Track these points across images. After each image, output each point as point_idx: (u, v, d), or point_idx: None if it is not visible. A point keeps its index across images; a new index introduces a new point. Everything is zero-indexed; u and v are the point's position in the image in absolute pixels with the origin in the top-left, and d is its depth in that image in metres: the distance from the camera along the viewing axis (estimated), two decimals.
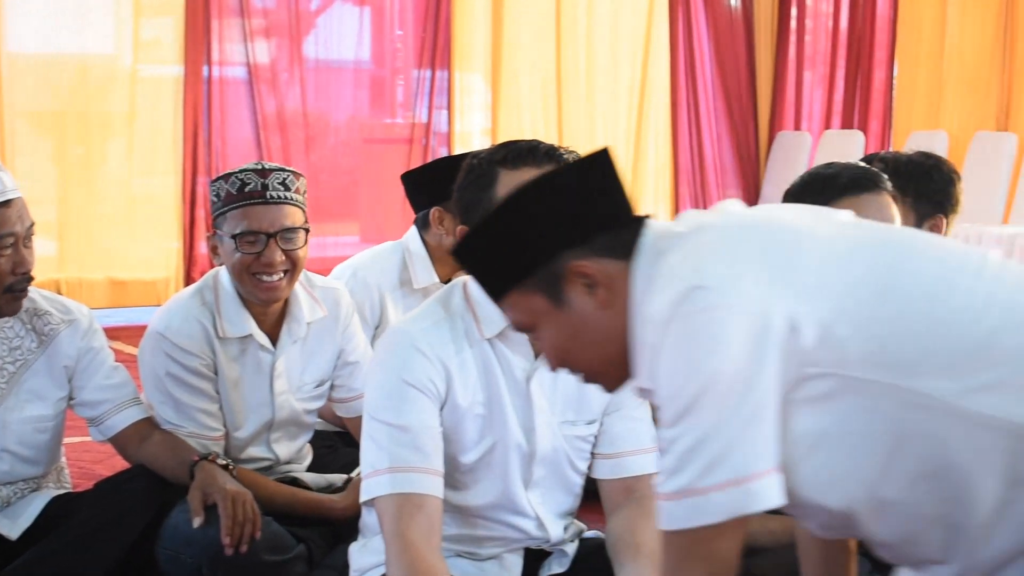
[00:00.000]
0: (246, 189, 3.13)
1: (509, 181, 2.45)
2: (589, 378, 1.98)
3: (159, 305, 4.29)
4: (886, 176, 2.87)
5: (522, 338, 2.50)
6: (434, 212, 3.86)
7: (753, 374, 1.70)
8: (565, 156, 2.51)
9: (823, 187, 2.77)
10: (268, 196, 3.13)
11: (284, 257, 3.14)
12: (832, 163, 2.92)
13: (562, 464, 2.67)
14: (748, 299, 1.71)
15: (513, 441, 2.58)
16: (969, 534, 1.74)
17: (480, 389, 2.54)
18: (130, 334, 7.23)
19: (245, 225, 3.13)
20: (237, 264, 3.16)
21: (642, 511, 2.64)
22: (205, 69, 8.71)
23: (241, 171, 3.16)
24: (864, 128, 10.72)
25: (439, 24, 9.47)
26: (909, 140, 10.05)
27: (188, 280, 8.44)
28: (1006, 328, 1.73)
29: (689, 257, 1.79)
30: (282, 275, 3.16)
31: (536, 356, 2.56)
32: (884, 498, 1.77)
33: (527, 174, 2.47)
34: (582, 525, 2.85)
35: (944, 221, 3.35)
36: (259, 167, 3.18)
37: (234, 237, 3.14)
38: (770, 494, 1.71)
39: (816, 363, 1.72)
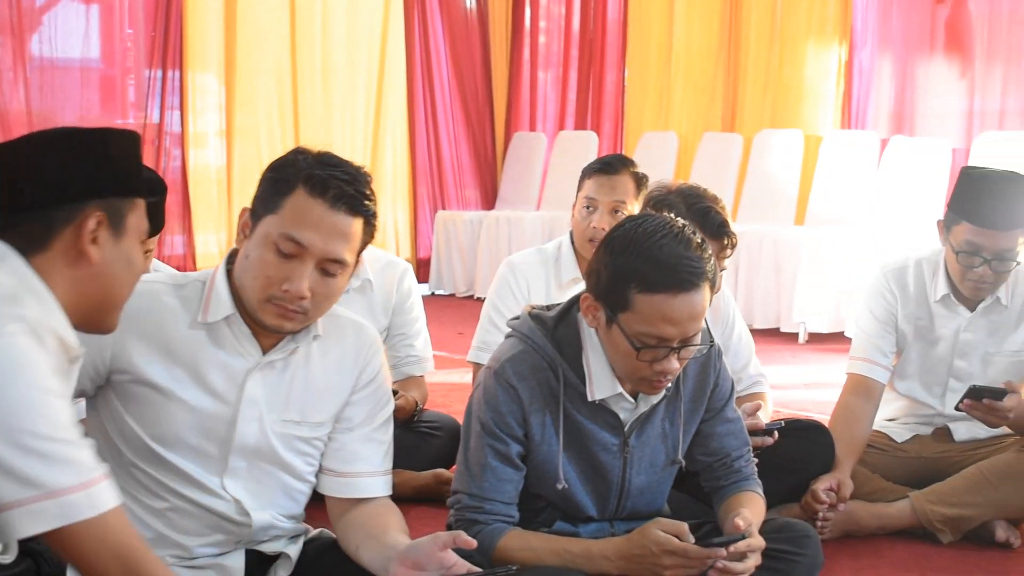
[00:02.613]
0: None
1: (299, 203, 2.44)
2: None
3: None
4: (710, 260, 2.66)
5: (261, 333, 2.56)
6: None
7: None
8: (369, 207, 2.49)
9: (659, 277, 2.61)
10: None
11: None
12: (677, 244, 2.64)
13: (271, 461, 2.64)
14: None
15: (206, 424, 2.56)
16: None
17: (182, 368, 2.54)
18: None
19: None
20: None
21: (375, 506, 2.69)
22: None
23: None
24: (598, 129, 10.94)
25: (170, 23, 9.29)
26: (641, 141, 10.31)
27: None
28: None
29: None
30: None
31: (264, 352, 2.57)
32: None
33: (318, 208, 2.43)
34: (306, 526, 2.81)
35: None
36: None
37: None
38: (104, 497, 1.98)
39: None
